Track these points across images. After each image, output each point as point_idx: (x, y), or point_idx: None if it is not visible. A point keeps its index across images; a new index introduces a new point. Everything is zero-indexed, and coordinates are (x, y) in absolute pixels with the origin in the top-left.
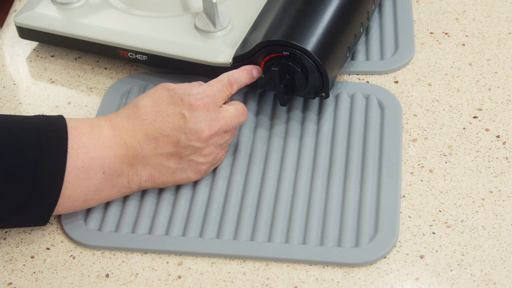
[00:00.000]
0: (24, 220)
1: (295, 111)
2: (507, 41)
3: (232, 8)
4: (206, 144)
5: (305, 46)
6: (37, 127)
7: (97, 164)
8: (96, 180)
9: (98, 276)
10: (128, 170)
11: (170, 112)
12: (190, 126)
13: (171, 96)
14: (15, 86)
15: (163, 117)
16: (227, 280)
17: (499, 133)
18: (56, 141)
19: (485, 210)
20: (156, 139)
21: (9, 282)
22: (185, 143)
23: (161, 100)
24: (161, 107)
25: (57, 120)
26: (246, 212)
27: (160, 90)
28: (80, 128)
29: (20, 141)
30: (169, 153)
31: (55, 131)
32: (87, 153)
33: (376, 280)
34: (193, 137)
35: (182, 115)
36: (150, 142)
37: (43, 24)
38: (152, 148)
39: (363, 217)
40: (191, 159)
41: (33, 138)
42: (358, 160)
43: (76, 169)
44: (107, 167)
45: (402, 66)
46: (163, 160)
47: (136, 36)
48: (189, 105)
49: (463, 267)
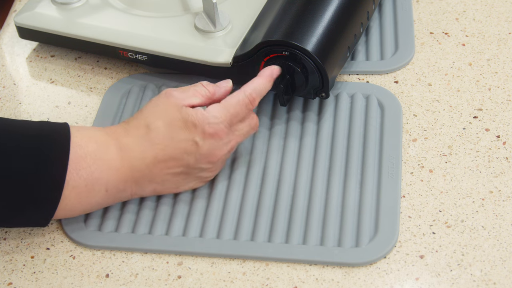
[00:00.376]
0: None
1: (295, 111)
2: (507, 41)
3: (232, 8)
4: (215, 164)
5: (305, 46)
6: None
7: (100, 184)
8: (98, 198)
9: (98, 276)
10: (131, 186)
11: (182, 138)
12: (202, 152)
13: (184, 119)
14: (15, 86)
15: (176, 142)
16: (227, 280)
17: (499, 133)
18: (58, 154)
19: (485, 210)
20: (165, 162)
21: (9, 282)
22: (195, 165)
23: (174, 124)
24: (174, 133)
25: (60, 129)
26: (246, 212)
27: (171, 108)
28: (86, 145)
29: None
30: (177, 173)
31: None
32: (90, 174)
33: (376, 280)
34: (203, 161)
35: (195, 142)
36: (159, 164)
37: (43, 24)
38: (159, 170)
39: (363, 217)
40: (198, 176)
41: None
42: (358, 160)
43: (78, 188)
44: (111, 185)
45: (402, 66)
46: (170, 177)
47: (136, 36)
48: (202, 133)
49: (463, 267)
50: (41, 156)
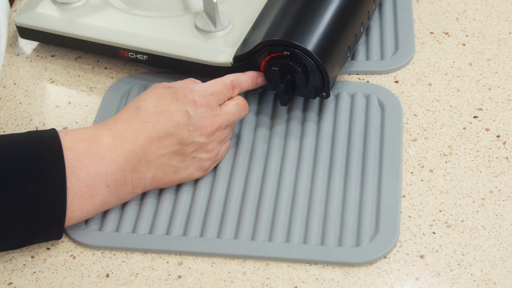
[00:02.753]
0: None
1: (295, 110)
2: (507, 41)
3: (232, 8)
4: (209, 140)
5: (305, 46)
6: (30, 151)
7: (100, 180)
8: (101, 196)
9: (98, 276)
10: (131, 176)
11: (173, 110)
12: (194, 122)
13: (173, 93)
14: (15, 86)
15: (167, 116)
16: (227, 280)
17: (499, 133)
18: (52, 168)
19: (485, 210)
20: (159, 140)
21: (9, 282)
22: (189, 139)
23: (163, 98)
24: (164, 105)
25: (50, 140)
26: (246, 211)
27: (160, 89)
28: (77, 149)
29: (12, 170)
30: (173, 152)
31: (50, 156)
32: (87, 173)
33: (376, 280)
34: (196, 133)
35: (186, 112)
36: (153, 143)
37: (43, 24)
38: (155, 149)
39: (363, 217)
40: (194, 156)
41: (27, 166)
42: (358, 160)
43: (80, 191)
44: (110, 179)
45: (402, 66)
46: (167, 160)
47: (137, 36)
48: (193, 102)
49: (463, 267)
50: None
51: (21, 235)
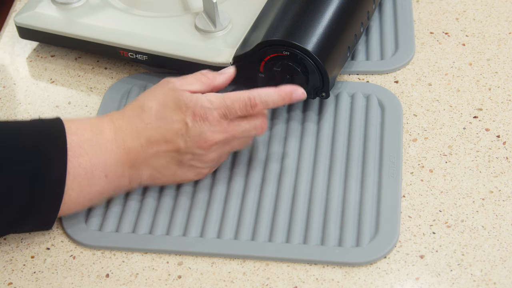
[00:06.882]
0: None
1: (295, 110)
2: (507, 41)
3: (232, 8)
4: (206, 152)
5: (305, 46)
6: (34, 135)
7: (99, 169)
8: (99, 185)
9: (98, 276)
10: (129, 171)
11: (174, 119)
12: (191, 134)
13: (177, 100)
14: (15, 86)
15: (167, 123)
16: (227, 280)
17: (499, 133)
18: (55, 149)
19: (485, 210)
20: (158, 143)
21: (9, 282)
22: (186, 150)
23: (167, 105)
24: (166, 112)
25: (55, 124)
26: (246, 211)
27: (167, 91)
28: (82, 134)
29: (16, 151)
30: (171, 157)
31: (53, 138)
32: (89, 160)
33: (376, 280)
34: (193, 144)
35: (185, 123)
36: (152, 146)
37: (43, 24)
38: (154, 152)
39: (363, 217)
40: (191, 164)
41: (31, 147)
42: (358, 160)
43: (79, 177)
44: (109, 170)
45: (402, 66)
46: (164, 163)
47: (136, 36)
48: (193, 114)
49: (463, 267)
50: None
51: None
